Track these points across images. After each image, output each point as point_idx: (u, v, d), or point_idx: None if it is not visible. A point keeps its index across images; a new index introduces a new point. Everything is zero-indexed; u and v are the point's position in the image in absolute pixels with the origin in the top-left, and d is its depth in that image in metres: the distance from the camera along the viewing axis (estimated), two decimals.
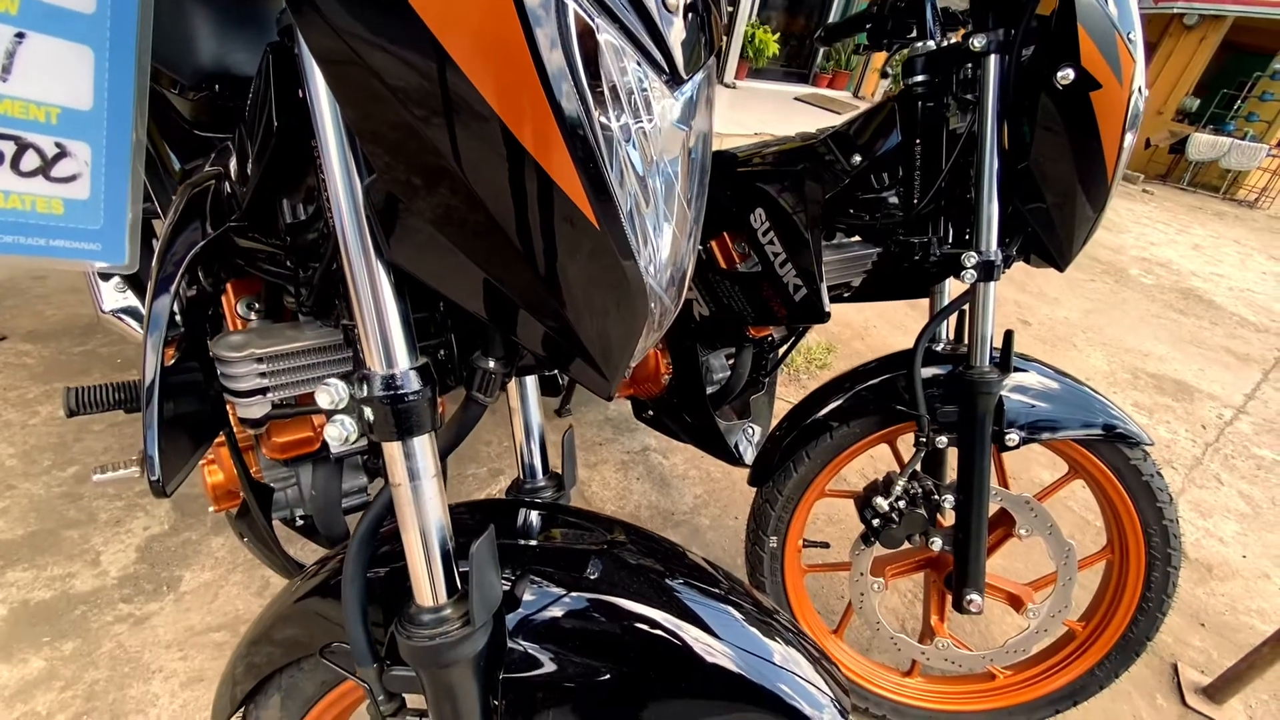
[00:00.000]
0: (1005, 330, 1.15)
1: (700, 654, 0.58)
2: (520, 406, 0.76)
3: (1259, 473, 2.81)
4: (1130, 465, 1.21)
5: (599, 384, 0.53)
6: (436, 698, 0.55)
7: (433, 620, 0.53)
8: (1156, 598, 1.27)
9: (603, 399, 0.58)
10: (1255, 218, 9.22)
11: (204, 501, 1.67)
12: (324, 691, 0.71)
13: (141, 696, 1.28)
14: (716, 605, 0.61)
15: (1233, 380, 3.70)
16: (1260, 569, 2.23)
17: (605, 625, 0.59)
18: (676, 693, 0.58)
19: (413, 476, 0.50)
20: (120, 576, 1.49)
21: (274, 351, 0.71)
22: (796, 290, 1.23)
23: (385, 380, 0.47)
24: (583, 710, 0.57)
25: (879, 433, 1.29)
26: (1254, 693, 1.72)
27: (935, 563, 1.38)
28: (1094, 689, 1.35)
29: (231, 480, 1.21)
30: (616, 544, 0.65)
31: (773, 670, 0.60)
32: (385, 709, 0.59)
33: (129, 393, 1.33)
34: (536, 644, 0.58)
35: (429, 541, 0.52)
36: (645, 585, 0.61)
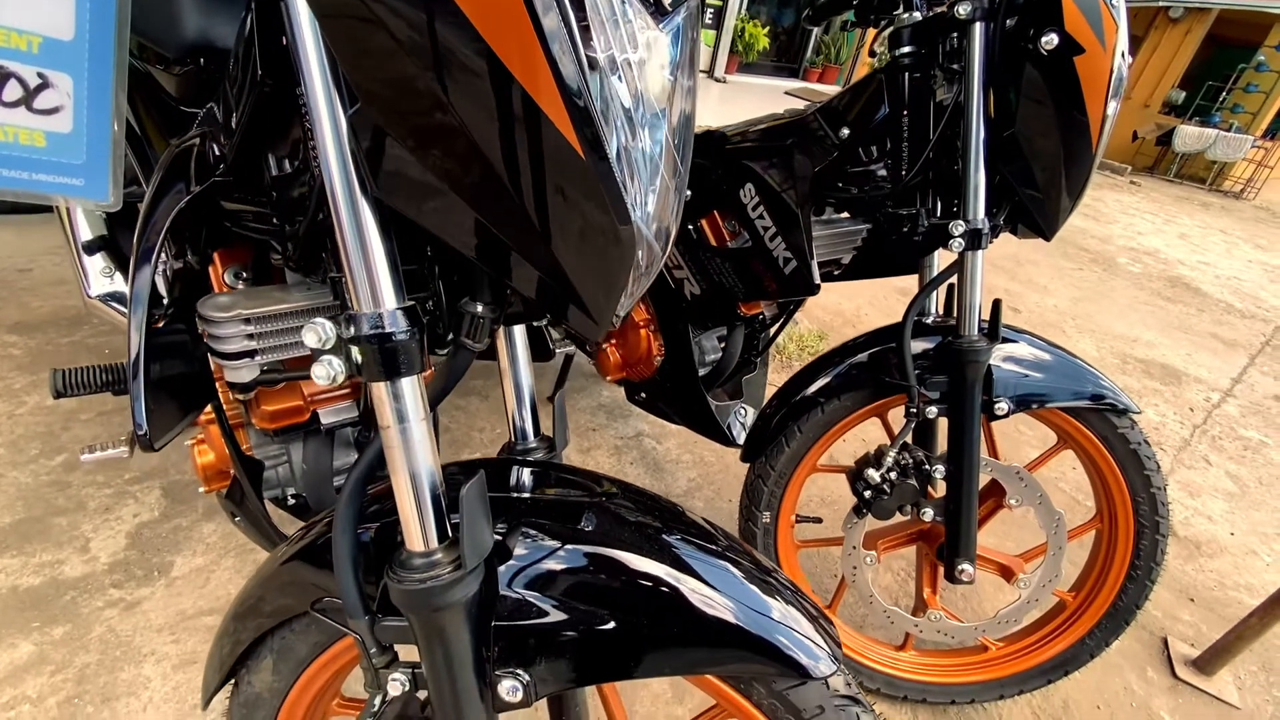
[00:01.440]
0: (993, 299, 1.16)
1: (697, 605, 0.58)
2: (510, 368, 0.75)
3: (1246, 453, 2.84)
4: (1118, 434, 1.22)
5: (588, 327, 0.53)
6: (429, 645, 0.55)
7: (424, 564, 0.53)
8: (1145, 565, 1.28)
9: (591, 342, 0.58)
10: (1241, 208, 9.30)
11: (195, 488, 1.67)
12: (317, 653, 0.71)
13: (133, 679, 1.27)
14: (714, 561, 0.62)
15: (1220, 365, 3.74)
16: (1248, 546, 2.25)
17: (600, 576, 0.59)
18: (673, 642, 0.58)
19: (401, 419, 0.50)
20: (110, 562, 1.48)
21: (262, 312, 0.71)
22: (786, 263, 1.24)
23: (372, 319, 0.47)
24: (577, 658, 0.57)
25: (869, 406, 1.30)
26: (1243, 664, 1.74)
27: (927, 535, 1.39)
28: (1085, 658, 1.36)
29: (222, 460, 1.20)
30: (612, 499, 0.65)
31: (770, 623, 0.60)
32: (378, 661, 0.59)
33: (117, 374, 1.32)
34: (529, 593, 0.58)
35: (419, 485, 0.52)
36: (641, 539, 0.61)
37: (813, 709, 0.62)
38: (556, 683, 0.57)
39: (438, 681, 0.56)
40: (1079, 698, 1.57)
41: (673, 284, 1.53)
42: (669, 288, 1.55)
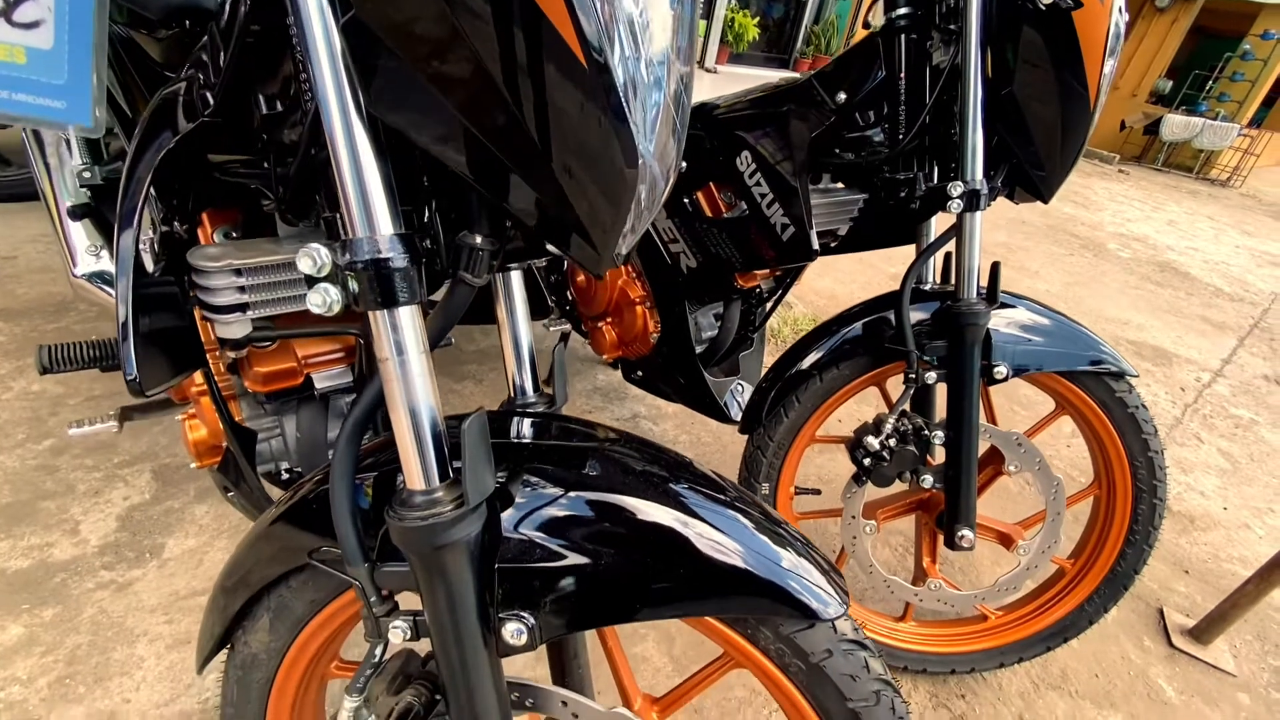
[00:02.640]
0: (992, 262, 1.16)
1: (705, 548, 0.57)
2: (508, 320, 0.74)
3: (1237, 431, 2.87)
4: (1116, 398, 1.22)
5: (591, 258, 0.52)
6: (430, 587, 0.54)
7: (424, 502, 0.51)
8: (1143, 529, 1.29)
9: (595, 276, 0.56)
10: (1228, 196, 9.38)
11: (186, 472, 1.64)
12: (314, 611, 0.69)
13: (126, 659, 1.25)
14: (724, 510, 0.60)
15: (1209, 346, 3.77)
16: (1240, 519, 2.27)
17: (606, 518, 0.58)
18: (680, 583, 0.57)
19: (399, 350, 0.48)
20: (101, 545, 1.46)
21: (252, 263, 0.69)
22: (784, 230, 1.23)
23: (368, 245, 0.46)
24: (583, 600, 0.56)
25: (868, 374, 1.29)
26: (1238, 633, 1.76)
27: (926, 504, 1.39)
28: (1084, 624, 1.37)
29: (214, 434, 1.18)
30: (618, 446, 0.64)
31: (778, 568, 0.59)
32: (378, 610, 0.58)
33: (104, 350, 1.30)
34: (534, 535, 0.56)
35: (419, 421, 0.50)
36: (648, 485, 0.60)
37: (820, 652, 0.61)
38: (562, 625, 0.56)
39: (440, 626, 0.55)
40: (1077, 666, 1.58)
41: (669, 259, 1.52)
42: (665, 263, 1.54)
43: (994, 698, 1.46)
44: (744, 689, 1.40)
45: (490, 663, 0.57)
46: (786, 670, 0.62)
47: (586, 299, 1.74)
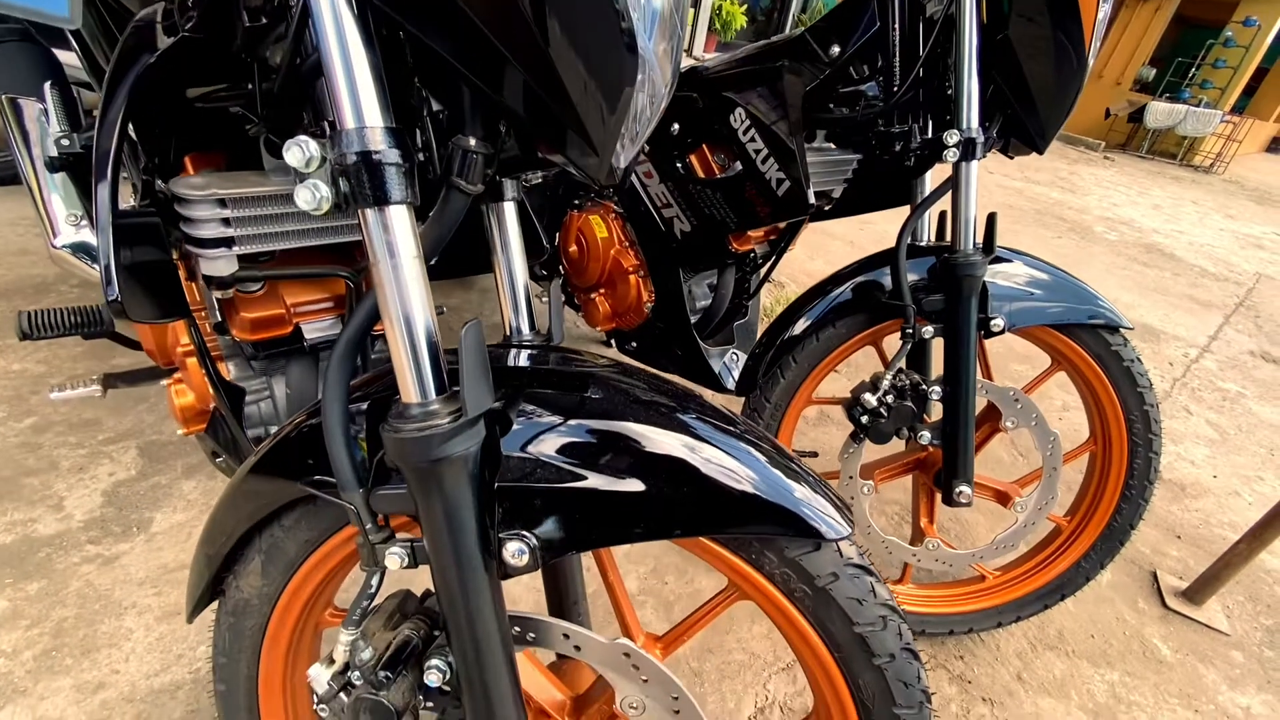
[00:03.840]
0: (988, 213, 1.15)
1: (710, 472, 0.56)
2: (501, 253, 0.72)
3: (1225, 403, 2.89)
4: (1111, 351, 1.22)
5: (590, 163, 0.50)
6: (428, 506, 0.52)
7: (421, 414, 0.50)
8: (1139, 484, 1.29)
9: (596, 185, 0.55)
10: (1211, 181, 9.48)
11: (173, 448, 1.62)
12: (308, 551, 0.68)
13: (114, 631, 1.22)
14: (729, 436, 0.59)
15: (1196, 324, 3.80)
16: (1230, 487, 2.29)
17: (608, 440, 0.56)
18: (684, 503, 0.55)
19: (391, 252, 0.47)
20: (86, 520, 1.43)
21: (238, 194, 0.67)
22: (779, 184, 1.21)
23: (358, 137, 0.44)
24: (586, 520, 0.55)
25: (864, 333, 1.28)
26: (1230, 594, 1.77)
27: (923, 464, 1.38)
28: (1081, 581, 1.37)
29: (202, 398, 1.16)
30: (620, 375, 0.63)
31: (782, 491, 0.58)
32: (374, 537, 0.56)
33: (85, 316, 1.27)
34: (534, 454, 0.55)
35: (413, 329, 0.49)
36: (652, 411, 0.59)
37: (826, 575, 0.60)
38: (565, 546, 0.55)
39: (438, 548, 0.53)
40: (1073, 627, 1.59)
41: (662, 225, 1.51)
42: (658, 230, 1.52)
43: (991, 658, 1.47)
44: (743, 653, 1.39)
45: (491, 586, 0.55)
46: (791, 596, 0.61)
47: (579, 270, 1.72)
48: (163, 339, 1.16)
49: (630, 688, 0.65)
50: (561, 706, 0.74)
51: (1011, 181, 6.83)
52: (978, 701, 1.37)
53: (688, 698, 0.64)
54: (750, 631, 1.44)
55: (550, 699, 0.74)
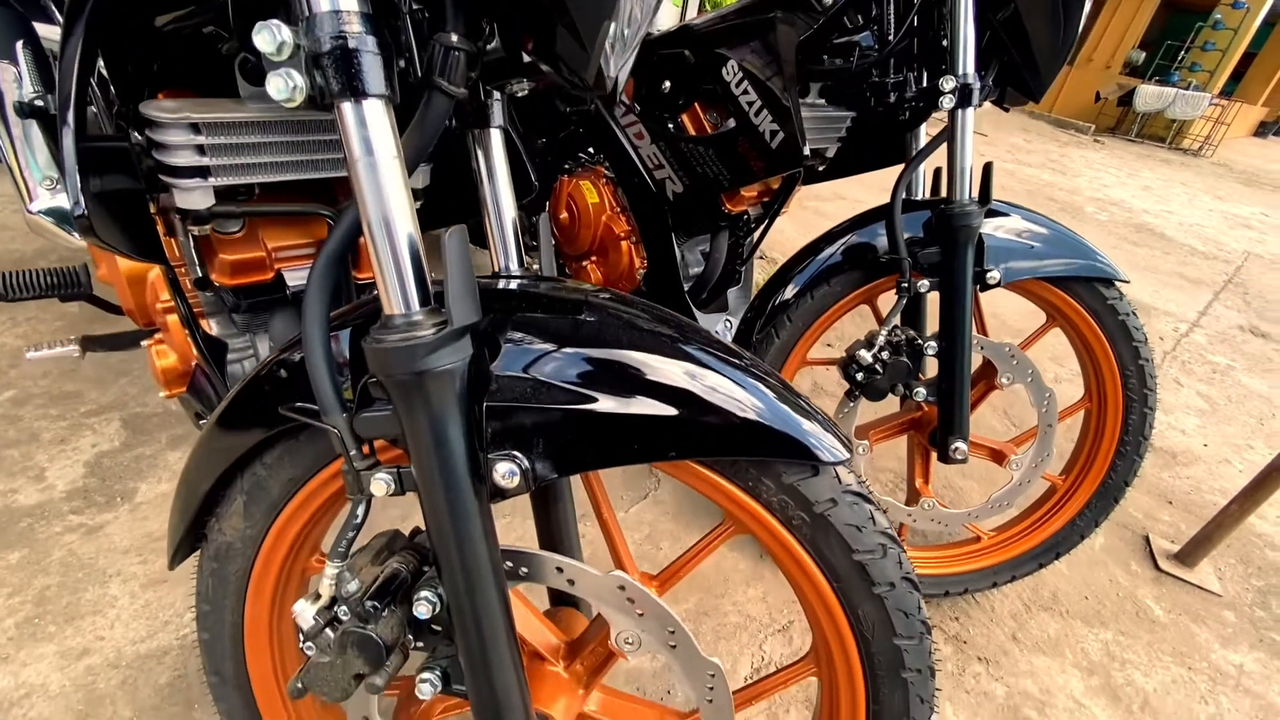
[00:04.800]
0: (985, 163, 1.14)
1: (705, 395, 0.55)
2: (489, 187, 0.70)
3: (1214, 376, 2.91)
4: (1107, 305, 1.21)
5: (578, 58, 0.48)
6: (414, 424, 0.50)
7: (404, 324, 0.48)
8: (1134, 440, 1.28)
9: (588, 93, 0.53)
10: (1200, 164, 9.52)
11: (158, 420, 1.59)
12: (292, 491, 0.65)
13: (98, 599, 1.20)
14: (731, 367, 0.57)
15: (1186, 300, 3.82)
16: (1221, 455, 2.30)
17: (600, 359, 0.54)
18: (679, 423, 0.54)
19: (368, 149, 0.44)
20: (68, 490, 1.40)
21: (212, 119, 0.64)
22: (773, 137, 1.19)
23: (331, 21, 0.42)
24: (578, 439, 0.53)
25: (859, 290, 1.27)
26: (1222, 556, 1.78)
27: (918, 423, 1.37)
28: (1075, 539, 1.37)
29: (184, 358, 1.13)
30: (618, 303, 0.60)
31: (780, 415, 0.56)
32: (359, 464, 0.54)
33: (64, 278, 1.23)
34: (524, 374, 0.53)
35: (394, 234, 0.47)
36: (645, 334, 0.57)
37: (824, 501, 0.59)
38: (557, 467, 0.53)
39: (425, 469, 0.52)
40: (1067, 589, 1.59)
41: (654, 186, 1.48)
42: (650, 193, 1.50)
43: (986, 619, 1.47)
44: (738, 615, 1.39)
45: (481, 511, 0.53)
46: (789, 524, 0.60)
47: (570, 238, 1.70)
48: (142, 297, 1.13)
49: (626, 622, 0.63)
50: (556, 650, 0.73)
51: (1003, 164, 6.83)
52: (973, 661, 1.37)
53: (684, 631, 0.63)
54: (745, 595, 1.43)
55: (545, 642, 0.72)
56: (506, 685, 0.58)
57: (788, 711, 1.21)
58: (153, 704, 1.06)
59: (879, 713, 0.66)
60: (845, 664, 0.65)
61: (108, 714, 1.03)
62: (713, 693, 0.64)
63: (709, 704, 0.65)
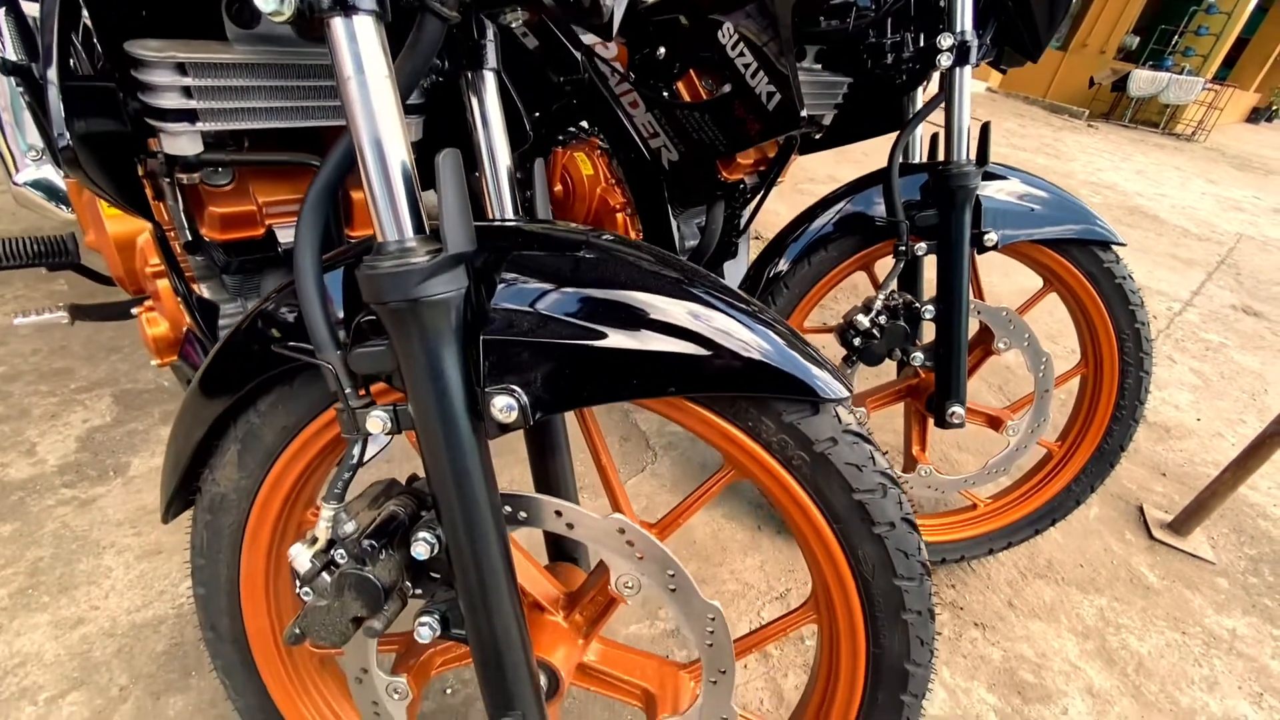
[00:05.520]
0: (982, 123, 1.13)
1: (706, 331, 0.54)
2: (482, 131, 0.69)
3: (1207, 353, 2.92)
4: (1104, 268, 1.21)
5: None
6: (409, 356, 0.49)
7: (398, 250, 0.47)
8: (1130, 404, 1.29)
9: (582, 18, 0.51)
10: (1193, 149, 9.54)
11: (150, 396, 1.57)
12: (287, 439, 0.65)
13: (93, 570, 1.19)
14: (732, 305, 0.56)
15: (1179, 280, 3.83)
16: (1214, 429, 2.32)
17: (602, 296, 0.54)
18: (681, 359, 0.53)
19: (359, 67, 0.43)
20: (60, 465, 1.39)
21: (199, 59, 0.63)
22: (770, 98, 1.18)
23: None
24: (576, 374, 0.52)
25: (856, 256, 1.26)
26: (1215, 526, 1.79)
27: (915, 390, 1.37)
28: (1071, 505, 1.37)
29: (175, 324, 1.12)
30: (616, 243, 0.59)
31: (781, 354, 0.55)
32: (354, 402, 0.53)
33: (51, 246, 1.22)
34: (522, 308, 0.52)
35: (386, 157, 0.46)
36: (644, 272, 0.56)
37: (824, 440, 0.58)
38: (554, 402, 0.53)
39: (422, 403, 0.51)
40: (1062, 558, 1.60)
41: (649, 155, 1.47)
42: (645, 162, 1.48)
43: (982, 586, 1.47)
44: (736, 583, 1.39)
45: (479, 447, 0.53)
46: (789, 465, 0.59)
47: (565, 210, 1.68)
48: (131, 262, 1.12)
49: (625, 565, 0.63)
50: (556, 600, 0.73)
51: (998, 148, 6.81)
52: (970, 626, 1.38)
53: (684, 574, 0.63)
54: (743, 563, 1.43)
55: (545, 592, 0.72)
56: (506, 626, 0.57)
57: (785, 676, 1.22)
58: (149, 671, 1.05)
59: (879, 656, 0.66)
60: (845, 607, 0.64)
61: (104, 681, 1.03)
62: (712, 635, 0.64)
63: (709, 647, 0.65)
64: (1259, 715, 1.29)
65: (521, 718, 0.60)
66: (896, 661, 0.65)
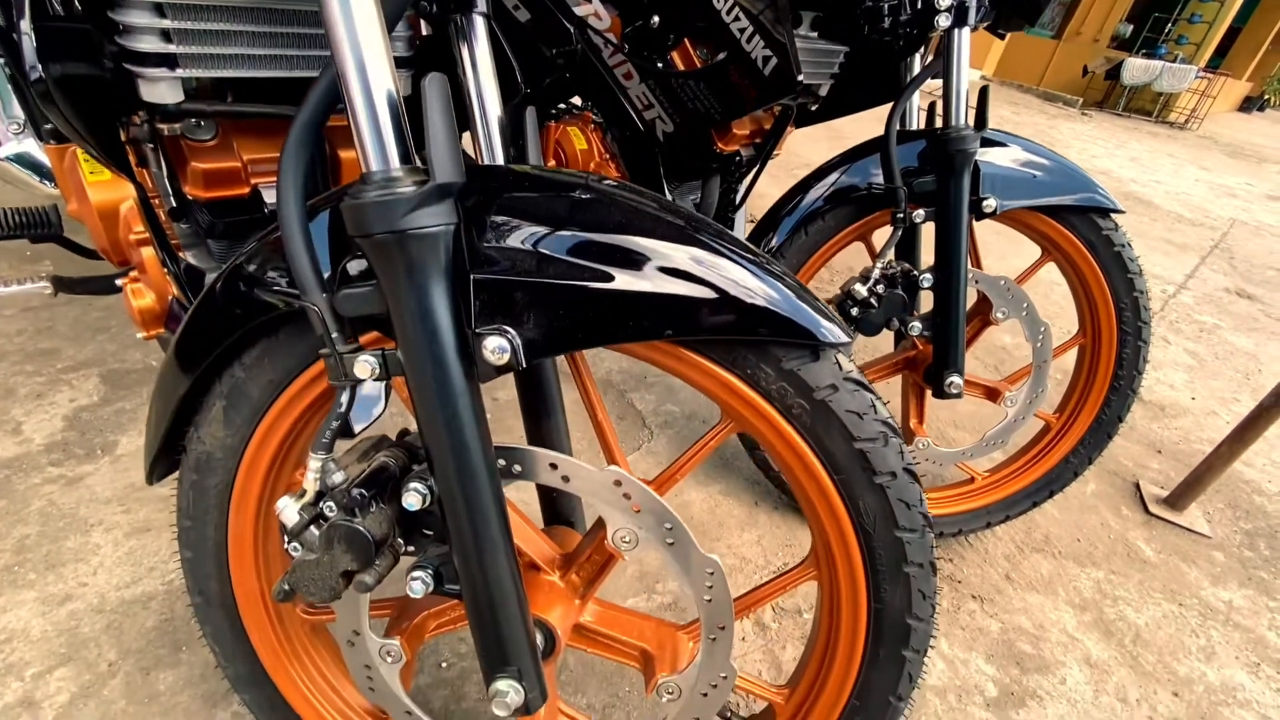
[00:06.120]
0: (981, 87, 1.11)
1: (704, 275, 0.52)
2: (471, 75, 0.67)
3: (1201, 334, 2.93)
4: (1103, 236, 1.20)
5: None
6: (397, 293, 0.48)
7: (383, 179, 0.45)
8: (1128, 374, 1.28)
9: None
10: (1186, 137, 9.56)
11: (138, 376, 1.55)
12: (274, 394, 0.63)
13: (80, 547, 1.17)
14: (738, 255, 0.54)
15: (1173, 264, 3.84)
16: (1208, 408, 2.32)
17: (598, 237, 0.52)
18: (678, 301, 0.52)
19: None
20: (46, 444, 1.36)
21: (179, 0, 0.61)
22: (766, 62, 1.16)
23: None
24: (570, 315, 0.51)
25: (854, 225, 1.25)
26: (1210, 501, 1.80)
27: (913, 362, 1.36)
28: (1069, 477, 1.37)
29: (161, 295, 1.10)
30: (615, 187, 0.57)
31: (781, 299, 0.54)
32: (341, 347, 0.52)
33: (34, 217, 1.19)
34: (515, 247, 0.51)
35: (370, 84, 0.44)
36: (647, 217, 0.54)
37: (824, 387, 0.57)
38: (547, 345, 0.51)
39: (411, 345, 0.49)
40: (1059, 533, 1.60)
41: (643, 127, 1.45)
42: (640, 134, 1.46)
43: (980, 560, 1.47)
44: (734, 558, 1.38)
45: (471, 390, 0.51)
46: (789, 414, 0.58)
47: None
48: (115, 232, 1.10)
49: (622, 519, 0.62)
50: (552, 561, 0.71)
51: None
52: (967, 599, 1.37)
53: (682, 527, 0.61)
54: (740, 539, 1.43)
55: (540, 552, 0.71)
56: (500, 578, 0.56)
57: (784, 648, 1.21)
58: (139, 647, 1.03)
59: (881, 612, 0.65)
60: (846, 562, 0.63)
61: (92, 656, 1.01)
62: (711, 590, 0.63)
63: (708, 603, 0.64)
64: (1256, 684, 1.29)
65: (517, 674, 0.58)
66: (898, 616, 0.64)
